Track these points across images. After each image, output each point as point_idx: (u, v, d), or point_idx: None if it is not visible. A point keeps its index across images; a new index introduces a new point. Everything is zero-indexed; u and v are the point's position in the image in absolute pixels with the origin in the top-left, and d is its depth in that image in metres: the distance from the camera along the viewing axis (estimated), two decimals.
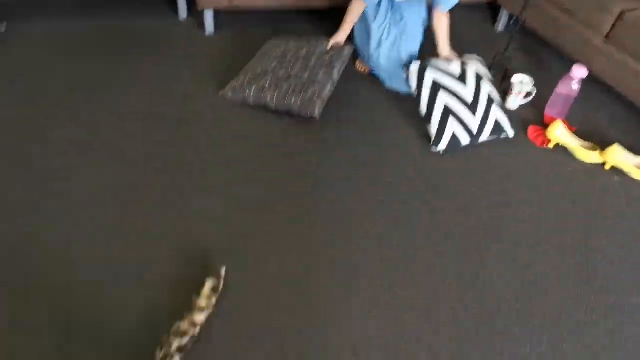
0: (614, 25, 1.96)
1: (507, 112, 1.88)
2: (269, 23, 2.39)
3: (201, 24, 2.26)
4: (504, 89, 2.07)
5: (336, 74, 1.87)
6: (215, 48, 2.17)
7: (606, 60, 2.01)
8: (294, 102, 1.77)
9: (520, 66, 2.27)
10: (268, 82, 1.82)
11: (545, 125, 1.94)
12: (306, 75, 1.84)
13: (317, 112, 1.77)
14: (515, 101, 2.03)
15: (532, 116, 2.00)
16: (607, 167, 1.80)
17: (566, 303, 1.33)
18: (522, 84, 2.01)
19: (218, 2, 2.16)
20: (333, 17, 2.12)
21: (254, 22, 2.39)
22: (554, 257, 1.45)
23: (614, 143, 1.79)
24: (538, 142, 1.88)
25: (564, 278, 1.40)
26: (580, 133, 1.92)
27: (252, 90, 1.81)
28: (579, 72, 1.88)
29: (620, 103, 2.12)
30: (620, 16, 1.93)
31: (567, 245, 1.50)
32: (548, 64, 2.33)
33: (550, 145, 1.87)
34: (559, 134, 1.83)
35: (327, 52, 1.93)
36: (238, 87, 1.84)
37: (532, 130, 1.93)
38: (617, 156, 1.76)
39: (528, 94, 2.04)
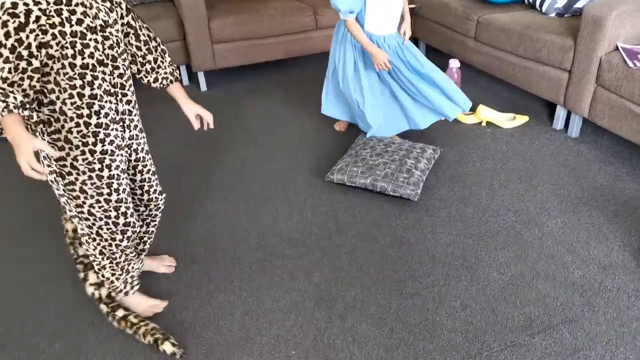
0: (476, 29, 2.77)
1: None
2: (249, 77, 3.33)
3: (198, 84, 3.20)
4: None
5: (423, 166, 2.12)
6: (209, 100, 3.09)
7: (478, 54, 2.80)
8: (387, 186, 2.02)
9: None
10: (362, 169, 2.10)
11: None
12: (395, 164, 2.10)
13: (411, 194, 1.98)
14: None
15: None
16: (483, 123, 2.54)
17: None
18: None
19: (207, 66, 3.10)
20: (294, 66, 2.99)
21: (237, 77, 3.33)
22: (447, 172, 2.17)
23: (479, 105, 2.55)
24: None
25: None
26: None
27: (349, 174, 2.10)
28: (453, 62, 2.69)
29: (491, 80, 2.89)
30: (479, 21, 2.75)
31: (448, 163, 2.22)
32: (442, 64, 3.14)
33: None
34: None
35: (414, 148, 2.22)
36: (337, 170, 2.14)
37: None
38: (482, 114, 2.50)
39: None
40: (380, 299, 1.59)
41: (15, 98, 1.12)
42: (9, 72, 1.10)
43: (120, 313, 1.53)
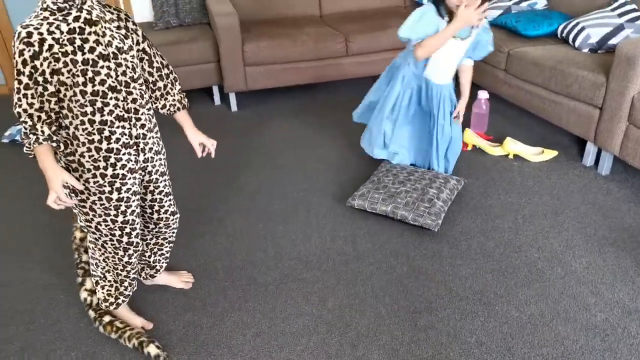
0: (507, 61, 2.76)
1: None
2: (279, 99, 3.40)
3: (229, 105, 3.28)
4: None
5: (445, 197, 2.10)
6: (238, 121, 3.16)
7: (507, 86, 2.78)
8: (408, 215, 2.02)
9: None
10: (383, 196, 2.10)
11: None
12: (417, 193, 2.10)
13: (432, 224, 1.96)
14: None
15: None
16: (511, 156, 2.51)
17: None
18: None
19: (239, 87, 3.19)
20: (324, 90, 3.04)
21: (267, 99, 3.40)
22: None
23: (507, 137, 2.52)
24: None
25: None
26: (496, 140, 2.66)
27: (370, 201, 2.10)
28: (482, 94, 2.67)
29: (520, 113, 2.85)
30: (509, 53, 2.74)
31: (472, 195, 2.19)
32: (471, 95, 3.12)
33: (469, 148, 2.61)
34: (469, 138, 2.59)
35: (437, 178, 2.21)
36: (359, 196, 2.15)
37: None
38: (510, 146, 2.47)
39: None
40: (394, 329, 1.57)
41: (43, 131, 1.21)
42: (32, 97, 1.18)
43: (106, 319, 1.58)
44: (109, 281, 1.54)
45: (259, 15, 3.56)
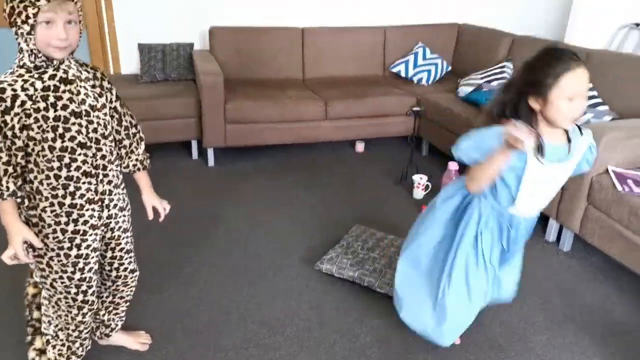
0: None
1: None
2: (256, 157, 3.46)
3: (206, 160, 3.32)
4: (410, 185, 2.96)
5: None
6: (214, 176, 3.19)
7: None
8: (375, 282, 2.02)
9: (424, 169, 3.19)
10: (351, 261, 2.11)
11: None
12: (385, 260, 2.11)
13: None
14: (418, 192, 2.90)
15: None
16: None
17: None
18: (421, 180, 2.89)
19: (217, 143, 3.24)
20: (301, 152, 3.11)
21: (244, 156, 3.46)
22: None
23: None
24: None
25: None
26: None
27: (338, 265, 2.11)
28: (452, 165, 2.78)
29: None
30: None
31: None
32: (442, 164, 3.23)
33: None
34: None
35: None
36: (327, 260, 2.15)
37: (424, 208, 2.74)
38: None
39: (426, 187, 2.90)
40: None
41: (8, 187, 1.22)
42: (0, 151, 1.20)
43: None
44: (61, 340, 1.50)
45: (244, 75, 3.68)
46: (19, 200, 1.26)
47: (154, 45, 3.57)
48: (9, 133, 1.20)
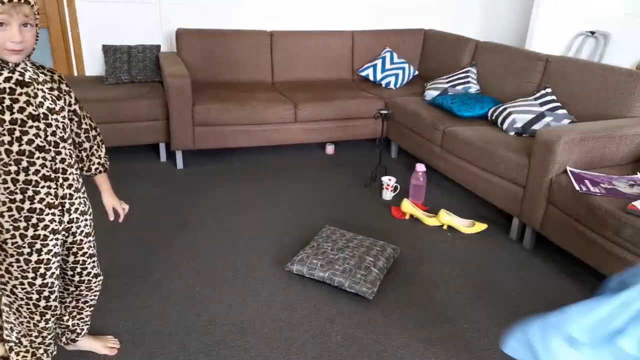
0: (442, 138, 2.97)
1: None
2: (225, 160, 3.44)
3: (175, 162, 3.28)
4: (379, 186, 3.00)
5: (381, 265, 2.15)
6: (182, 179, 3.15)
7: (443, 161, 2.97)
8: (344, 282, 2.05)
9: (393, 171, 3.25)
10: (321, 262, 2.13)
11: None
12: (354, 260, 2.14)
13: (367, 292, 2.00)
14: (387, 194, 2.94)
15: (399, 202, 2.89)
16: (445, 227, 2.64)
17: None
18: (390, 181, 2.94)
19: (186, 146, 3.21)
20: (270, 154, 3.12)
21: (214, 158, 3.44)
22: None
23: (441, 209, 2.66)
24: (397, 215, 2.74)
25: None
26: (431, 210, 2.80)
27: (308, 266, 2.13)
28: (420, 167, 2.84)
29: (454, 186, 3.05)
30: (445, 131, 2.95)
31: (407, 263, 2.26)
32: (410, 166, 3.30)
33: (407, 217, 2.73)
34: (407, 208, 2.71)
35: (375, 246, 2.26)
36: (297, 261, 2.16)
37: (393, 209, 2.80)
38: (444, 217, 2.61)
39: (395, 188, 2.95)
40: None
41: None
42: None
43: None
44: (25, 347, 1.45)
45: (212, 77, 3.67)
46: None
47: (119, 47, 3.51)
48: None
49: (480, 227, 2.63)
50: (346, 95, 3.58)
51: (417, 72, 4.06)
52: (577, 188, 2.15)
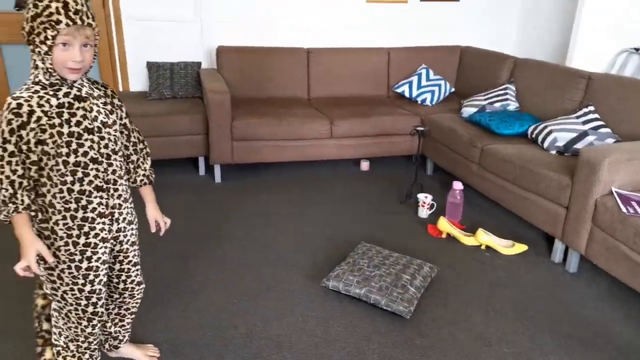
0: (480, 156, 2.93)
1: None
2: (262, 174, 3.49)
3: (213, 176, 3.35)
4: (414, 204, 2.98)
5: (418, 283, 2.14)
6: (221, 192, 3.21)
7: (481, 179, 2.93)
8: (381, 299, 2.03)
9: (429, 188, 3.22)
10: (357, 279, 2.12)
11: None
12: (390, 278, 2.13)
13: (404, 311, 1.98)
14: (423, 211, 2.91)
15: (435, 220, 2.85)
16: (483, 247, 2.59)
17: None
18: (426, 199, 2.91)
19: (224, 160, 3.27)
20: (306, 169, 3.15)
21: (251, 172, 3.49)
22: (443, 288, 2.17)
23: (479, 228, 2.61)
24: (434, 234, 2.71)
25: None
26: (469, 229, 2.75)
27: (344, 282, 2.12)
28: (457, 185, 2.80)
29: (492, 205, 2.99)
30: (483, 149, 2.91)
31: (445, 283, 2.22)
32: (447, 183, 3.26)
33: (443, 236, 2.69)
34: (444, 226, 2.67)
35: (412, 264, 2.24)
36: (333, 277, 2.16)
37: (429, 227, 2.77)
38: (482, 237, 2.56)
39: (431, 206, 2.92)
40: None
41: (23, 200, 1.25)
42: (16, 164, 1.23)
43: None
44: (72, 351, 1.50)
45: (250, 93, 3.75)
46: (32, 213, 1.28)
47: (162, 64, 3.63)
48: (24, 147, 1.23)
49: (521, 248, 2.57)
50: (382, 111, 3.59)
51: (453, 89, 4.03)
52: (624, 210, 2.08)
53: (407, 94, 3.93)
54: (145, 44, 3.71)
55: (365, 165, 3.68)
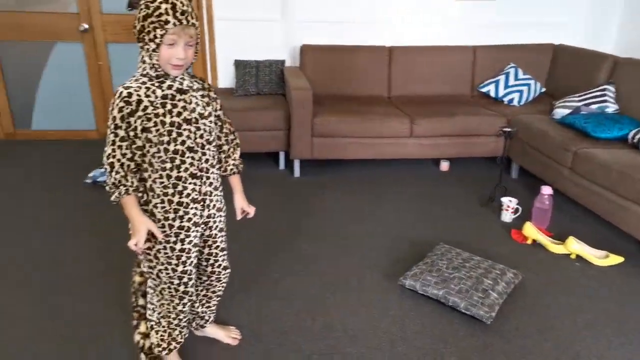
0: (573, 160, 2.75)
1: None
2: (340, 170, 3.52)
3: (292, 171, 3.44)
4: (497, 207, 2.86)
5: (501, 289, 2.06)
6: (299, 187, 3.29)
7: (573, 184, 2.75)
8: (460, 302, 1.99)
9: (513, 192, 3.08)
10: (436, 279, 2.09)
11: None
12: (471, 282, 2.07)
13: (485, 316, 1.92)
14: (507, 215, 2.79)
15: (520, 225, 2.72)
16: (573, 256, 2.43)
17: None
18: (511, 202, 2.78)
19: (303, 155, 3.34)
20: (384, 167, 3.14)
21: (329, 168, 3.54)
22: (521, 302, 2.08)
23: (570, 236, 2.45)
24: (518, 239, 2.59)
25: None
26: (556, 236, 2.60)
27: (422, 282, 2.09)
28: (546, 189, 2.65)
29: (585, 213, 2.79)
30: (576, 153, 2.73)
31: (529, 291, 2.12)
32: (534, 188, 3.08)
33: (528, 242, 2.56)
34: (530, 232, 2.54)
35: (494, 269, 2.17)
36: (411, 276, 2.14)
37: (513, 232, 2.64)
38: (573, 246, 2.40)
39: (516, 210, 2.79)
40: None
41: (132, 182, 1.36)
42: (126, 148, 1.34)
43: None
44: (163, 327, 1.61)
45: (331, 91, 3.79)
46: (139, 194, 1.39)
47: (249, 62, 3.78)
48: (132, 134, 1.34)
49: (616, 259, 2.38)
50: (466, 111, 3.48)
51: (544, 89, 3.82)
52: None
53: (492, 94, 3.78)
54: (234, 43, 3.88)
55: (445, 166, 3.59)
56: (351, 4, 3.90)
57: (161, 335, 1.61)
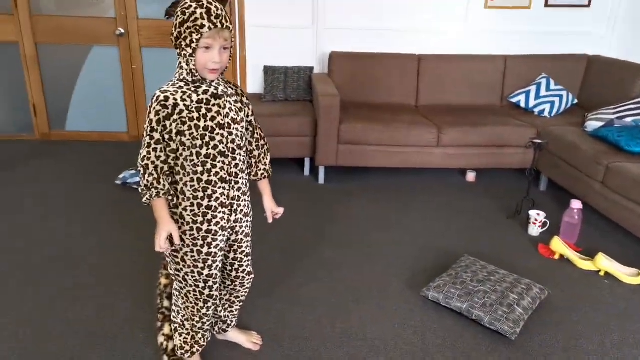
0: (605, 174, 2.68)
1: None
2: (364, 177, 3.52)
3: (317, 177, 3.45)
4: (525, 220, 2.81)
5: (526, 304, 2.02)
6: (323, 193, 3.30)
7: (604, 199, 2.68)
8: (484, 316, 1.96)
9: (541, 205, 3.02)
10: (459, 292, 2.06)
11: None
12: (495, 296, 2.03)
13: (509, 331, 1.88)
14: (534, 229, 2.74)
15: (547, 240, 2.66)
16: (602, 273, 2.36)
17: None
18: (538, 216, 2.73)
19: (329, 162, 3.36)
20: (409, 175, 3.12)
21: (353, 175, 3.54)
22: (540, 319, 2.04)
23: (599, 253, 2.38)
24: (545, 254, 2.53)
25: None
26: (585, 252, 2.54)
27: (445, 294, 2.07)
28: (576, 203, 2.59)
29: (616, 228, 2.71)
30: (608, 167, 2.66)
31: (555, 308, 2.07)
32: (563, 201, 3.01)
33: (556, 257, 2.50)
34: (558, 247, 2.48)
35: (519, 283, 2.12)
36: (434, 287, 2.12)
37: (541, 246, 2.59)
38: (602, 263, 2.34)
39: (544, 224, 2.73)
40: None
41: (164, 185, 1.39)
42: (161, 150, 1.38)
43: None
44: (187, 329, 1.64)
45: (359, 98, 3.80)
46: (170, 198, 1.43)
47: (278, 68, 3.82)
48: (167, 136, 1.37)
49: None
50: (494, 121, 3.44)
51: (576, 101, 3.74)
52: None
53: (522, 104, 3.72)
54: (264, 49, 3.93)
55: (471, 176, 3.55)
56: (381, 12, 3.91)
57: (184, 338, 1.64)
